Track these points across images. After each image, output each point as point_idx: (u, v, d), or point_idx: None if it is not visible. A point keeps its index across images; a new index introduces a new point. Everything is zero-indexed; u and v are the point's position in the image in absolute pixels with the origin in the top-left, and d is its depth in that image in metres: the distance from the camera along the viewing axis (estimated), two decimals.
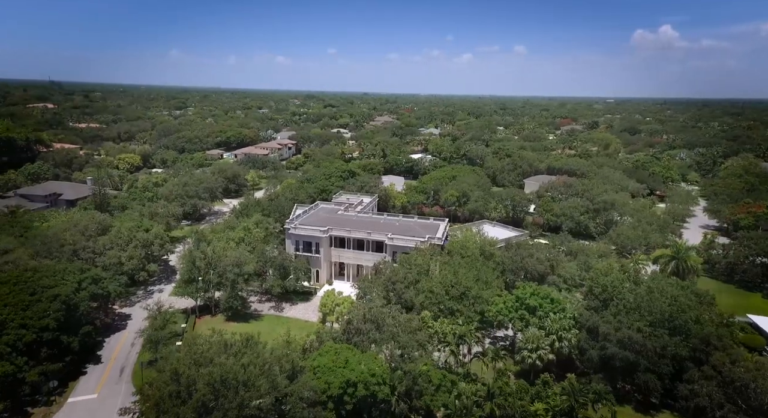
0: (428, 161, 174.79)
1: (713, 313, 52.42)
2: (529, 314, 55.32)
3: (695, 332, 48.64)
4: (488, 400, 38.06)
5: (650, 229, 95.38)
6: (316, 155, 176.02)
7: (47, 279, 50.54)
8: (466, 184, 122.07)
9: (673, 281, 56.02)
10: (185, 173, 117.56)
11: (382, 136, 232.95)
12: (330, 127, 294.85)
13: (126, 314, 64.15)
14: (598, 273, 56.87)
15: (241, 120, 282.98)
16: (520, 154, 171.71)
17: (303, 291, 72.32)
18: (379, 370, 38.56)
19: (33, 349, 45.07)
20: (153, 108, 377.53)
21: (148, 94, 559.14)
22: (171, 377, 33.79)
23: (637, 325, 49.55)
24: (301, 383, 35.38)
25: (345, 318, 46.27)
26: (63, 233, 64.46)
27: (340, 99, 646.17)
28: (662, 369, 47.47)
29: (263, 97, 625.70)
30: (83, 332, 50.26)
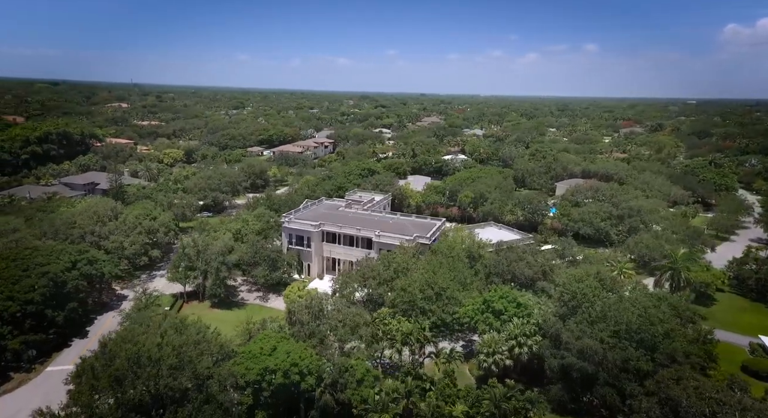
0: (459, 162, 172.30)
1: (692, 329, 48.04)
2: (494, 318, 53.58)
3: (663, 347, 44.90)
4: (405, 398, 37.48)
5: (674, 238, 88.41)
6: (348, 154, 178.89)
7: (42, 257, 55.90)
8: (484, 185, 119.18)
9: (651, 293, 51.87)
10: (212, 168, 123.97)
11: (420, 137, 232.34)
12: (374, 126, 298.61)
13: (124, 296, 69.22)
14: (570, 279, 53.82)
15: (287, 119, 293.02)
16: (555, 157, 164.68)
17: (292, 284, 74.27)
18: (305, 361, 39.12)
19: (18, 320, 50.01)
20: (214, 108, 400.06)
21: (214, 95, 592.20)
22: (101, 351, 36.46)
23: (600, 335, 46.57)
24: (222, 367, 36.82)
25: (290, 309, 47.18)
26: (75, 218, 70.83)
27: (393, 100, 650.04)
28: (623, 384, 44.30)
29: (319, 98, 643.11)
30: (69, 308, 55.00)
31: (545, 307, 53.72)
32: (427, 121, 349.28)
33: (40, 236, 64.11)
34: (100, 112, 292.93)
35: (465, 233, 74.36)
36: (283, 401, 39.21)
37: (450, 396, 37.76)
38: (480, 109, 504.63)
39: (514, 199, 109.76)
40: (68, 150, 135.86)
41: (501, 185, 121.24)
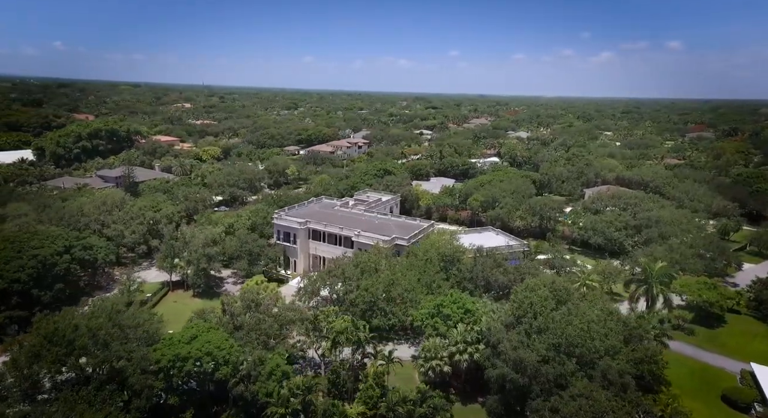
0: (488, 165, 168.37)
1: (641, 348, 44.36)
2: (443, 323, 52.43)
3: (602, 366, 41.91)
4: (304, 394, 37.84)
5: (689, 253, 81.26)
6: (377, 154, 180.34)
7: (37, 241, 61.97)
8: (498, 189, 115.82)
9: (603, 307, 48.30)
10: (237, 165, 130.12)
11: (457, 139, 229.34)
12: (416, 128, 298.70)
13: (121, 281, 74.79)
14: (523, 287, 51.36)
15: (330, 120, 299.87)
16: (588, 161, 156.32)
17: (277, 278, 76.56)
18: (222, 351, 40.73)
19: (5, 296, 55.84)
20: (269, 108, 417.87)
21: (275, 96, 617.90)
22: (45, 327, 40.02)
23: (538, 347, 44.31)
24: (138, 351, 39.29)
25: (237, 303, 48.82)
26: (84, 207, 77.65)
27: (448, 101, 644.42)
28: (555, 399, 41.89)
29: (375, 100, 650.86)
30: (57, 289, 60.49)
31: (496, 315, 51.72)
32: (474, 123, 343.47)
33: (45, 221, 71.17)
34: (163, 111, 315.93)
35: (446, 236, 72.91)
36: (204, 390, 41.09)
37: (358, 397, 37.73)
38: (537, 110, 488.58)
39: (525, 205, 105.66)
40: (115, 146, 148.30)
41: (519, 190, 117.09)
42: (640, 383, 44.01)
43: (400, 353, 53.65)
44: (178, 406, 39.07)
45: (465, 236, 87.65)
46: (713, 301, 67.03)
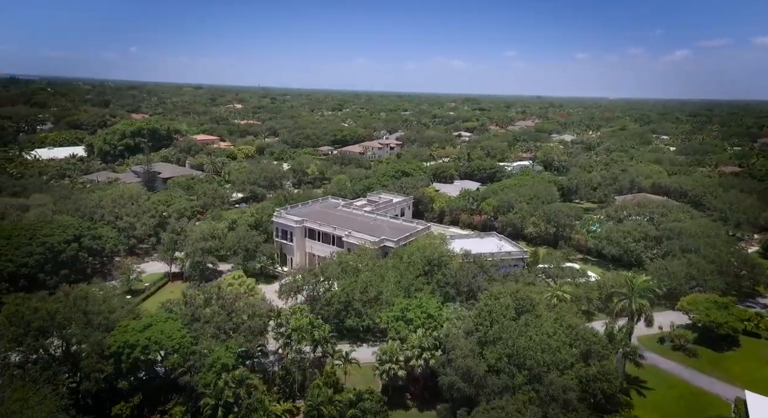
0: (517, 169, 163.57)
1: (598, 365, 41.64)
2: (405, 326, 51.85)
3: (546, 380, 39.90)
4: (236, 388, 38.83)
5: (709, 268, 75.01)
6: (405, 156, 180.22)
7: (48, 229, 67.61)
8: (515, 194, 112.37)
9: (564, 321, 45.67)
10: (260, 164, 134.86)
11: (494, 141, 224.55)
12: (457, 129, 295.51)
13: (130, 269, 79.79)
14: (486, 295, 49.64)
15: (368, 121, 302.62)
16: (625, 167, 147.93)
17: (272, 275, 78.76)
18: (173, 341, 42.73)
19: (13, 279, 61.37)
20: (316, 109, 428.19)
21: (325, 97, 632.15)
22: (7, 309, 43.77)
23: (489, 357, 42.96)
24: (94, 336, 42.11)
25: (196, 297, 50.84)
26: (103, 199, 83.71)
27: (499, 102, 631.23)
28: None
29: (425, 101, 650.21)
30: (62, 274, 65.66)
31: (460, 322, 50.45)
32: (519, 125, 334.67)
33: (63, 212, 77.41)
34: (214, 112, 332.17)
35: (436, 240, 71.76)
36: (157, 377, 43.40)
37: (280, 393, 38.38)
38: (592, 113, 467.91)
39: (540, 211, 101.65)
40: (155, 143, 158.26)
41: (539, 195, 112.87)
42: (594, 402, 41.57)
43: (371, 356, 53.37)
44: (128, 391, 41.39)
45: (465, 240, 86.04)
46: (721, 321, 61.57)
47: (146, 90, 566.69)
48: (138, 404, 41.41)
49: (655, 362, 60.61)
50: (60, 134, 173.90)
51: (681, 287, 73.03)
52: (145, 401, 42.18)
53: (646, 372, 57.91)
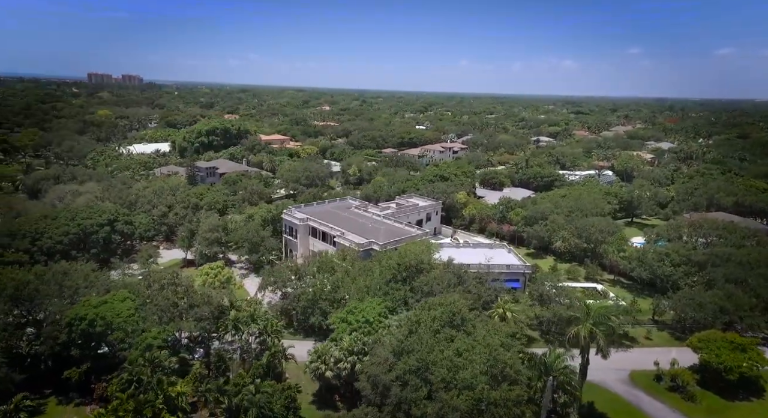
0: (580, 178, 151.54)
1: (504, 390, 38.27)
2: (345, 328, 52.00)
3: (439, 398, 37.87)
4: (149, 366, 42.38)
5: (749, 303, 64.14)
6: (462, 160, 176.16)
7: (87, 213, 78.61)
8: (551, 205, 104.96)
9: (488, 340, 42.28)
10: (308, 163, 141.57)
11: (569, 148, 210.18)
12: (539, 134, 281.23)
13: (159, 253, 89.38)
14: (421, 306, 47.74)
15: (444, 123, 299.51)
16: (705, 181, 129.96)
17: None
18: (118, 319, 47.98)
19: (51, 253, 72.43)
20: (400, 111, 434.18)
21: (416, 99, 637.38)
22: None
23: (400, 368, 41.95)
24: (56, 306, 48.88)
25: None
26: (145, 190, 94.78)
27: (606, 104, 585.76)
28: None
29: (521, 102, 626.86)
30: (92, 252, 76.08)
31: (397, 330, 49.35)
32: (618, 130, 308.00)
33: (107, 199, 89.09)
34: (297, 113, 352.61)
35: (421, 247, 70.04)
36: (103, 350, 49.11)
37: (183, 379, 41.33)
38: (720, 116, 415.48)
39: (573, 225, 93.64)
40: (227, 142, 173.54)
41: (584, 208, 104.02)
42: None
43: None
44: (79, 359, 47.34)
45: (471, 250, 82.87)
46: (732, 365, 52.41)
47: (253, 93, 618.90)
48: (86, 372, 47.06)
49: (639, 402, 53.68)
50: (156, 132, 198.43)
51: (710, 322, 63.32)
52: (94, 371, 47.76)
53: (617, 411, 51.68)
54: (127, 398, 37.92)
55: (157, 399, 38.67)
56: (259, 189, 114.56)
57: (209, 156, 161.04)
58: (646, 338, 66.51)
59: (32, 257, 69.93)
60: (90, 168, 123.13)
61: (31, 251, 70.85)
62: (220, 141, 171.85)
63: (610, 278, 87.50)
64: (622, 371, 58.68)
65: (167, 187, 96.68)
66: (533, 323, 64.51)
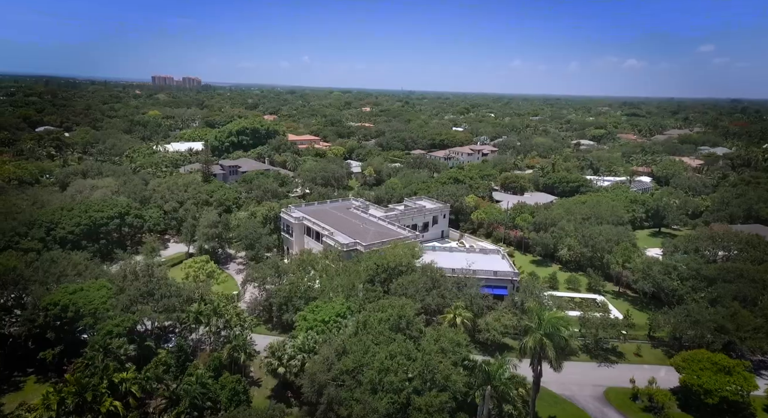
0: (608, 183, 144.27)
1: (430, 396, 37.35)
2: (304, 325, 52.75)
3: (365, 399, 37.67)
4: (101, 352, 44.98)
5: (754, 323, 58.85)
6: (488, 163, 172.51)
7: (100, 206, 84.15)
8: (563, 211, 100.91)
9: (424, 346, 41.31)
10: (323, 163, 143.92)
11: (607, 153, 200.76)
12: (583, 137, 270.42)
13: (167, 246, 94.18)
14: (372, 307, 47.37)
15: (482, 125, 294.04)
16: (744, 191, 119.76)
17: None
18: (89, 305, 51.11)
19: (63, 242, 78.19)
20: (441, 113, 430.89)
21: (461, 100, 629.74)
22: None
23: (337, 367, 42.25)
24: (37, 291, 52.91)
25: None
26: (159, 186, 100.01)
27: (667, 107, 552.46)
28: None
29: (571, 104, 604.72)
30: (101, 243, 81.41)
31: (345, 331, 49.48)
32: (669, 134, 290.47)
33: (122, 193, 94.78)
34: (335, 114, 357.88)
35: (404, 250, 69.47)
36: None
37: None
38: None
39: (580, 233, 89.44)
40: (256, 141, 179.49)
41: (600, 215, 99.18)
42: None
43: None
44: (54, 341, 51.02)
45: (460, 254, 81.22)
46: (712, 388, 48.35)
47: (300, 94, 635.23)
48: (60, 354, 50.60)
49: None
50: (195, 131, 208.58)
51: (707, 341, 58.79)
52: (69, 354, 51.22)
53: None
54: (74, 381, 40.43)
55: (101, 383, 40.94)
56: (273, 188, 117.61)
57: (238, 155, 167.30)
58: (635, 354, 62.53)
59: (46, 245, 75.56)
60: (117, 164, 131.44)
61: (45, 240, 76.66)
62: (249, 140, 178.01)
63: (615, 289, 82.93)
64: (599, 387, 55.62)
65: (181, 183, 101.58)
66: (509, 332, 62.34)
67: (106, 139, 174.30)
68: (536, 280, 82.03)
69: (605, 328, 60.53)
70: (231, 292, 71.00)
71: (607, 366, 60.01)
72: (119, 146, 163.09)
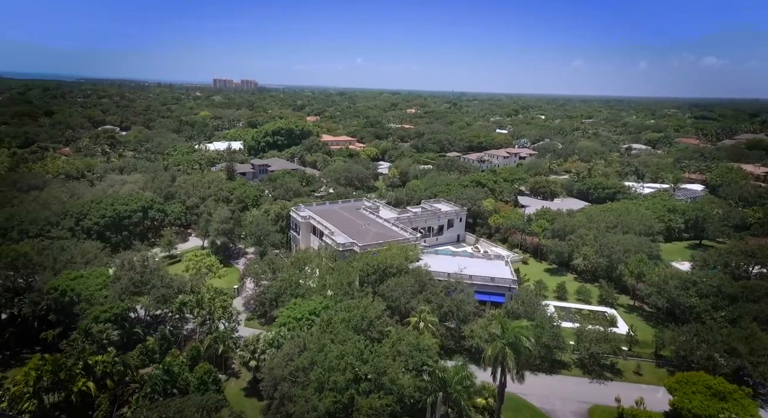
0: (650, 190, 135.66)
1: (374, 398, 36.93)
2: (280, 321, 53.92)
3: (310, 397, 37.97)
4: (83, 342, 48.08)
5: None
6: (522, 167, 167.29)
7: (126, 200, 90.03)
8: (584, 218, 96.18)
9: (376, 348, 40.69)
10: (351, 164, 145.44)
11: (658, 158, 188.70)
12: (638, 140, 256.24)
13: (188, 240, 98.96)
14: (337, 307, 47.38)
15: (518, 128, 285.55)
16: None
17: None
18: (86, 291, 55.13)
19: (89, 232, 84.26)
20: (488, 115, 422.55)
21: (513, 101, 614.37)
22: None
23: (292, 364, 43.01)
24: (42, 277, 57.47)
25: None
26: (184, 183, 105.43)
27: (740, 109, 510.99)
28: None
29: (633, 105, 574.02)
30: (123, 234, 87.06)
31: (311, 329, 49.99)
32: (740, 139, 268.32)
33: (148, 189, 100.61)
34: (379, 115, 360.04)
35: (397, 251, 68.92)
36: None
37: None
38: None
39: (598, 242, 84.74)
40: (290, 141, 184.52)
41: (627, 225, 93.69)
42: None
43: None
44: (55, 322, 55.30)
45: (469, 259, 79.46)
46: (700, 413, 44.41)
47: (350, 96, 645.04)
48: (60, 334, 54.69)
49: None
50: (237, 131, 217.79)
51: (713, 363, 54.16)
52: (67, 334, 55.21)
53: None
54: (51, 360, 43.67)
55: (76, 365, 43.89)
56: (295, 187, 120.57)
57: (272, 154, 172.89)
58: (635, 372, 58.44)
59: (74, 235, 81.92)
60: (152, 161, 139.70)
61: (74, 229, 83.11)
62: (284, 140, 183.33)
63: (630, 303, 77.85)
64: (584, 404, 52.56)
65: (205, 181, 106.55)
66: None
67: (154, 138, 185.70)
68: (543, 289, 78.97)
69: (599, 342, 57.00)
70: (232, 286, 73.62)
71: (600, 383, 56.51)
72: (164, 145, 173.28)
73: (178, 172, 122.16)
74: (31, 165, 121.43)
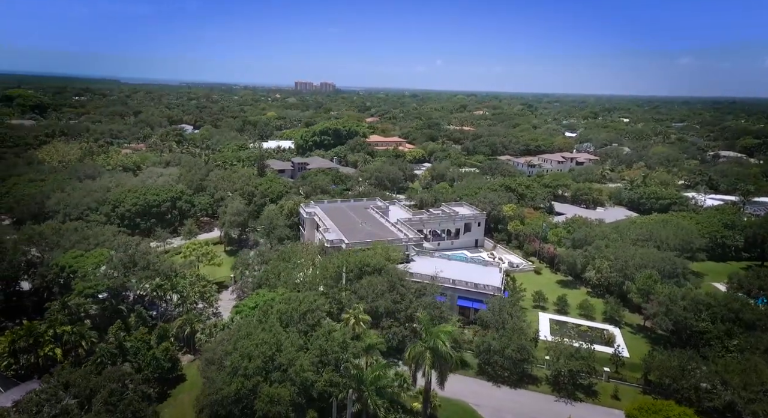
0: (715, 203, 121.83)
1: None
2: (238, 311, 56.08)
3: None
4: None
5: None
6: (573, 173, 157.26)
7: (157, 190, 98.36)
8: (608, 228, 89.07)
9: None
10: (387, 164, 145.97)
11: (754, 168, 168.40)
12: (732, 147, 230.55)
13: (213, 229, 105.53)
14: (286, 299, 48.23)
15: (593, 131, 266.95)
16: None
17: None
18: (84, 268, 61.18)
19: (122, 219, 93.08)
20: (565, 117, 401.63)
21: (585, 104, 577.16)
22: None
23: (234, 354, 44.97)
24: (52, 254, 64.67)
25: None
26: (217, 176, 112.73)
27: None
28: None
29: (749, 109, 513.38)
30: (151, 222, 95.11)
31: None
32: None
33: (181, 181, 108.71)
34: (445, 116, 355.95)
35: (378, 251, 68.46)
36: None
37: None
38: None
39: (614, 255, 77.80)
40: (336, 141, 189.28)
41: (661, 237, 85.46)
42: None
43: None
44: (57, 293, 62.23)
45: (465, 264, 77.01)
46: None
47: (421, 98, 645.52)
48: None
49: None
50: (291, 131, 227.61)
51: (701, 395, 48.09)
52: None
53: None
54: (26, 327, 49.40)
55: (47, 333, 49.26)
56: (323, 185, 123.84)
57: (318, 153, 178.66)
58: (612, 396, 53.09)
59: (109, 220, 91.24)
60: (196, 156, 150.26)
61: (109, 215, 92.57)
62: (330, 140, 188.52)
63: (640, 322, 70.57)
64: None
65: (235, 177, 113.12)
66: (464, 348, 57.80)
67: (215, 136, 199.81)
68: (543, 301, 74.29)
69: (568, 359, 52.49)
70: (229, 275, 77.81)
71: (566, 403, 52.07)
72: (223, 142, 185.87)
73: (217, 167, 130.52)
74: (96, 157, 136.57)
